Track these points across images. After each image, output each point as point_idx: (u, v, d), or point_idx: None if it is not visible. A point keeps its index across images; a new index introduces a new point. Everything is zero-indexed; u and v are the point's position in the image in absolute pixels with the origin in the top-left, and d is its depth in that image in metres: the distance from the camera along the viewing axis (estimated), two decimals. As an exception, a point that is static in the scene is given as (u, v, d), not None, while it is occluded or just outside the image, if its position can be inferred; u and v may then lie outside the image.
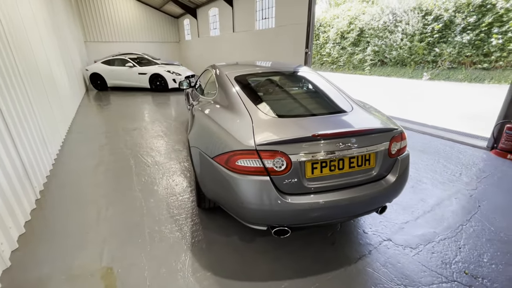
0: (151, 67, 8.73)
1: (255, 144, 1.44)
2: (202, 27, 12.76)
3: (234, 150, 1.49)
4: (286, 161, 1.43)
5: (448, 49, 10.73)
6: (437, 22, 11.05)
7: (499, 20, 9.47)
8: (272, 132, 1.53)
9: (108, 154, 3.54)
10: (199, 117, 2.16)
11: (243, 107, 1.82)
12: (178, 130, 4.59)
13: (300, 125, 1.61)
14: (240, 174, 1.47)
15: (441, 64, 11.14)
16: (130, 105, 6.77)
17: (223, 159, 1.56)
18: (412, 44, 11.81)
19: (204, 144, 1.80)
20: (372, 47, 13.43)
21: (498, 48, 9.58)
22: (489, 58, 9.90)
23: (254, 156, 1.43)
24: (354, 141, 1.52)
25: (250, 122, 1.64)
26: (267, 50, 8.25)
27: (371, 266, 1.71)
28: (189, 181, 2.80)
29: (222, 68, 2.60)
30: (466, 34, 10.22)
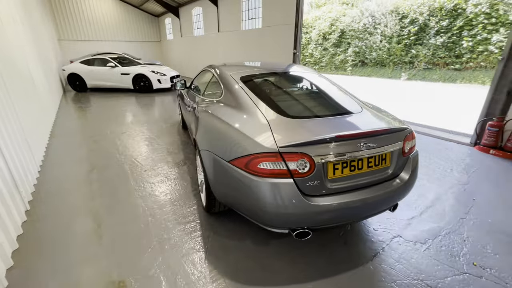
0: (134, 67, 8.41)
1: (277, 146, 1.42)
2: (185, 27, 12.50)
3: (256, 153, 1.46)
4: (310, 163, 1.42)
5: (424, 50, 11.34)
6: (413, 25, 11.64)
7: (469, 24, 10.15)
8: (293, 134, 1.52)
9: (100, 160, 3.35)
10: (206, 118, 2.10)
11: (255, 108, 1.79)
12: (170, 132, 4.45)
13: (319, 126, 1.61)
14: (262, 178, 1.44)
15: (417, 65, 11.74)
16: (114, 106, 6.47)
17: (242, 163, 1.52)
18: (391, 45, 12.35)
19: (217, 147, 1.75)
20: (353, 48, 13.87)
21: (469, 50, 10.27)
22: (460, 60, 10.58)
23: (277, 159, 1.41)
24: (373, 141, 1.54)
25: (266, 123, 1.61)
26: (254, 50, 8.24)
27: (386, 262, 1.74)
28: (192, 185, 2.71)
29: (223, 68, 2.54)
30: (440, 37, 10.86)
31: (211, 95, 2.58)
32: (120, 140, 4.07)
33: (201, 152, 1.94)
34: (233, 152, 1.60)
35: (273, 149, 1.42)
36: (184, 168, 3.10)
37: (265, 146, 1.44)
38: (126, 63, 8.78)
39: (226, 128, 1.74)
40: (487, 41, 9.81)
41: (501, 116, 3.63)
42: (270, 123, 1.61)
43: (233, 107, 1.95)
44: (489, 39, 9.72)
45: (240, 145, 1.57)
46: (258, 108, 1.78)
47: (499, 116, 3.65)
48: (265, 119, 1.66)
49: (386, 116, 1.90)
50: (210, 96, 2.56)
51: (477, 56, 10.12)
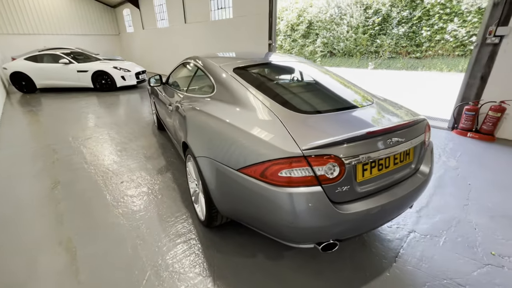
0: (93, 64, 7.53)
1: (300, 149, 1.19)
2: (147, 18, 11.57)
3: (275, 159, 1.22)
4: (339, 166, 1.22)
5: (387, 40, 11.85)
6: (377, 15, 12.07)
7: (427, 14, 10.78)
8: (314, 133, 1.30)
9: (64, 173, 2.83)
10: (199, 118, 1.79)
11: (260, 103, 1.54)
12: (144, 134, 3.99)
13: (339, 122, 1.41)
14: (284, 187, 1.20)
15: (382, 54, 12.26)
16: (72, 108, 5.70)
17: (256, 171, 1.27)
18: (357, 36, 12.71)
19: (221, 154, 1.47)
20: (321, 39, 14.04)
21: (427, 39, 10.94)
22: (420, 48, 11.25)
23: (302, 164, 1.18)
24: (401, 135, 1.39)
25: (279, 122, 1.37)
26: (226, 42, 7.85)
27: (410, 263, 1.64)
28: (181, 194, 2.39)
29: (209, 60, 2.23)
30: (401, 27, 11.41)
31: (198, 91, 2.26)
32: (86, 147, 3.53)
33: (198, 159, 1.64)
34: (243, 158, 1.34)
35: (296, 153, 1.19)
36: (168, 176, 2.74)
37: (286, 150, 1.20)
38: (82, 59, 7.83)
39: (230, 130, 1.46)
40: (443, 31, 10.52)
41: (476, 100, 3.80)
42: (283, 121, 1.38)
43: (232, 104, 1.67)
44: (445, 29, 10.43)
45: (252, 150, 1.31)
46: (263, 104, 1.54)
47: (474, 100, 3.81)
48: (276, 116, 1.42)
49: (399, 108, 1.77)
50: (197, 92, 2.24)
51: (435, 45, 10.82)
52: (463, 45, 10.20)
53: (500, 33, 3.40)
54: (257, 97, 1.60)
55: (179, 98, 2.37)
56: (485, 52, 3.61)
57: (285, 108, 1.50)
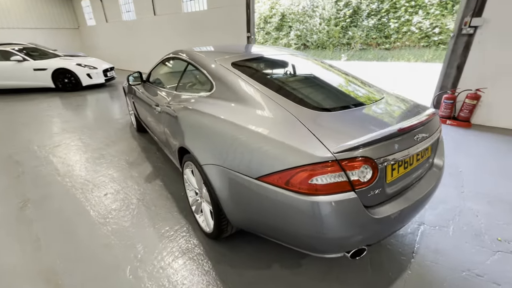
0: (52, 61, 6.77)
1: (332, 152, 1.07)
2: (111, 10, 10.68)
3: (303, 165, 1.09)
4: (372, 168, 1.12)
5: (359, 32, 12.18)
6: (347, 8, 12.32)
7: (394, 7, 11.22)
8: (341, 133, 1.19)
9: (33, 188, 2.46)
10: (198, 120, 1.59)
11: (271, 101, 1.40)
12: (122, 138, 3.64)
13: (361, 120, 1.32)
14: (314, 196, 1.08)
15: (354, 46, 12.60)
16: (32, 112, 5.07)
17: (281, 179, 1.14)
18: (329, 28, 12.90)
19: (233, 161, 1.31)
20: (294, 32, 14.05)
21: (395, 31, 11.42)
22: (389, 40, 11.73)
23: (335, 169, 1.07)
24: (425, 130, 1.33)
25: (297, 122, 1.24)
26: (201, 35, 7.49)
27: (428, 257, 1.62)
28: (177, 203, 2.18)
29: (201, 54, 2.03)
30: (371, 19, 11.77)
31: (192, 89, 2.05)
32: (56, 156, 3.13)
33: (205, 168, 1.45)
34: (263, 166, 1.19)
35: (328, 157, 1.07)
36: (158, 183, 2.50)
37: (315, 155, 1.08)
38: (38, 55, 7.00)
39: (243, 134, 1.30)
40: (409, 23, 11.04)
41: (453, 89, 3.98)
42: (302, 120, 1.25)
43: (237, 102, 1.50)
44: (411, 21, 10.95)
45: (273, 156, 1.17)
46: (274, 101, 1.39)
47: (452, 89, 4.00)
48: (293, 116, 1.28)
49: (408, 101, 1.73)
50: (190, 91, 2.02)
51: (402, 37, 11.34)
52: (427, 36, 10.82)
53: (475, 24, 3.56)
54: (266, 94, 1.45)
55: (168, 97, 2.13)
56: (461, 42, 3.77)
57: (300, 106, 1.37)
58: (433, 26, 10.46)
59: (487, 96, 3.71)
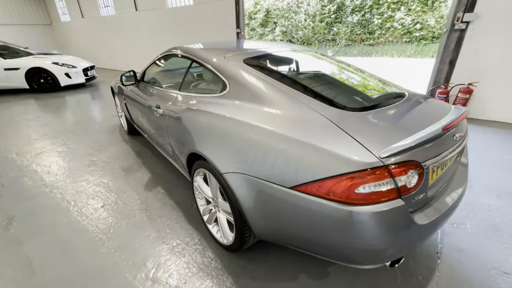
0: (25, 60, 6.25)
1: (379, 157, 0.98)
2: (87, 4, 10.07)
3: (348, 172, 0.99)
4: (418, 173, 1.05)
5: (343, 28, 12.30)
6: (332, 4, 12.40)
7: (377, 3, 11.41)
8: (381, 135, 1.10)
9: (19, 202, 2.20)
10: (214, 123, 1.45)
11: (296, 102, 1.29)
12: (112, 142, 3.39)
13: (397, 119, 1.24)
14: (360, 206, 0.99)
15: (339, 42, 12.73)
16: (6, 116, 4.64)
17: (321, 188, 1.03)
18: (315, 24, 12.94)
19: (262, 169, 1.18)
20: (280, 28, 13.97)
21: (378, 27, 11.64)
22: (373, 36, 11.95)
23: (383, 176, 0.98)
24: (461, 128, 1.28)
25: (331, 124, 1.14)
26: (188, 32, 7.21)
27: (453, 257, 1.59)
28: (184, 214, 2.02)
29: (208, 51, 1.87)
30: (355, 15, 11.92)
31: (198, 89, 1.89)
32: (40, 165, 2.84)
33: (227, 176, 1.32)
34: (299, 174, 1.08)
35: (374, 163, 0.98)
36: (160, 191, 2.33)
37: (361, 161, 0.98)
38: (9, 54, 6.44)
39: (273, 139, 1.18)
40: (391, 19, 11.28)
41: (446, 84, 4.06)
42: (336, 122, 1.15)
43: (258, 103, 1.37)
44: (393, 17, 11.20)
45: (311, 163, 1.06)
46: (302, 102, 1.28)
47: (445, 83, 4.07)
48: (324, 118, 1.18)
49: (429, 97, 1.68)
50: (196, 90, 1.86)
51: (385, 32, 11.59)
52: (409, 32, 11.12)
53: (467, 19, 3.63)
54: (290, 94, 1.34)
55: (171, 98, 1.96)
56: (453, 38, 3.84)
57: (330, 106, 1.27)
58: (414, 22, 10.76)
59: (480, 90, 3.81)
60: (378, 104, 1.38)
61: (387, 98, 1.48)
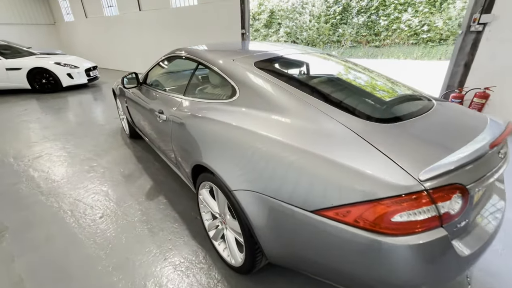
0: (27, 60, 6.17)
1: (418, 180, 0.84)
2: (90, 4, 10.01)
3: (382, 198, 0.85)
4: (463, 197, 0.90)
5: (349, 29, 12.14)
6: (337, 5, 12.24)
7: (383, 4, 11.24)
8: (418, 152, 0.95)
9: (13, 211, 2.07)
10: (223, 133, 1.31)
11: (316, 112, 1.14)
12: (113, 146, 3.26)
13: (434, 133, 1.10)
14: (395, 237, 0.85)
15: (344, 43, 12.57)
16: (6, 117, 4.54)
17: (349, 215, 0.89)
18: (319, 25, 12.78)
19: (279, 188, 1.04)
20: (284, 29, 13.83)
21: (385, 29, 11.46)
22: (379, 37, 11.77)
23: (424, 202, 0.84)
24: (505, 144, 1.13)
25: (358, 138, 1.00)
26: (192, 32, 7.10)
27: (485, 282, 1.44)
28: (190, 229, 1.89)
29: (215, 53, 1.74)
30: (361, 16, 11.75)
31: (204, 93, 1.76)
32: (38, 170, 2.72)
33: (237, 194, 1.18)
34: (322, 196, 0.94)
35: (414, 186, 0.83)
36: (162, 201, 2.19)
37: (399, 184, 0.84)
38: (11, 53, 6.36)
39: (294, 154, 1.04)
40: (398, 20, 11.10)
41: (460, 88, 3.89)
42: (364, 136, 1.01)
43: (274, 112, 1.23)
44: (400, 18, 11.02)
45: (338, 185, 0.92)
46: (323, 112, 1.14)
47: (459, 87, 3.91)
48: (349, 130, 1.04)
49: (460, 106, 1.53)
50: (203, 95, 1.73)
51: (392, 34, 11.41)
52: (416, 34, 10.94)
53: (484, 21, 3.46)
54: (309, 102, 1.20)
55: (175, 104, 1.83)
56: (469, 40, 3.67)
57: (353, 116, 1.12)
58: (421, 23, 10.57)
59: (496, 95, 3.64)
60: (406, 114, 1.23)
61: (414, 107, 1.33)
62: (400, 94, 1.55)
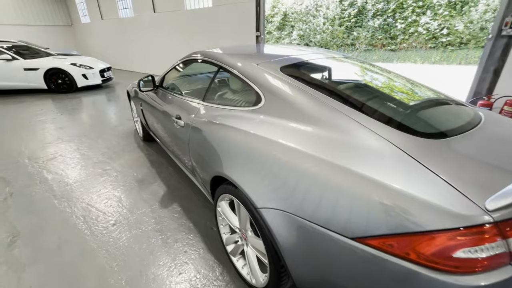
0: (44, 60, 6.27)
1: (486, 210, 0.71)
2: (106, 6, 10.18)
3: (441, 229, 0.72)
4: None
5: (364, 32, 11.90)
6: (352, 7, 12.03)
7: (400, 7, 10.97)
8: (481, 175, 0.82)
9: (26, 215, 2.04)
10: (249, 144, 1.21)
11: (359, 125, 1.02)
12: (126, 148, 3.22)
13: (493, 151, 0.96)
14: (456, 275, 0.72)
15: (358, 47, 12.34)
16: (22, 117, 4.59)
17: (398, 245, 0.77)
18: (333, 28, 12.60)
19: (315, 210, 0.93)
20: (297, 31, 13.71)
21: (401, 32, 11.18)
22: (395, 41, 11.48)
23: (492, 237, 0.71)
24: None
25: (406, 156, 0.88)
26: (205, 34, 7.08)
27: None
28: (205, 241, 1.79)
29: (235, 58, 1.64)
30: (377, 19, 11.51)
31: (226, 100, 1.66)
32: (52, 172, 2.70)
33: (264, 211, 1.07)
34: (369, 224, 0.82)
35: (480, 217, 0.71)
36: (176, 209, 2.11)
37: (462, 214, 0.71)
38: (29, 54, 6.50)
39: (333, 172, 0.92)
40: (416, 23, 10.80)
41: (489, 95, 3.67)
42: (411, 153, 0.89)
43: (305, 123, 1.11)
44: (418, 21, 10.72)
45: (387, 211, 0.80)
46: (366, 127, 1.01)
47: (487, 95, 3.69)
48: (394, 146, 0.92)
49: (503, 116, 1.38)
50: (224, 101, 1.63)
51: (409, 37, 11.11)
52: (434, 38, 10.60)
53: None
54: (346, 113, 1.08)
55: (194, 109, 1.74)
56: (499, 45, 3.46)
57: (399, 131, 1.00)
58: (441, 27, 10.24)
59: (529, 103, 3.40)
60: (455, 128, 1.10)
61: (462, 120, 1.19)
62: (444, 105, 1.41)
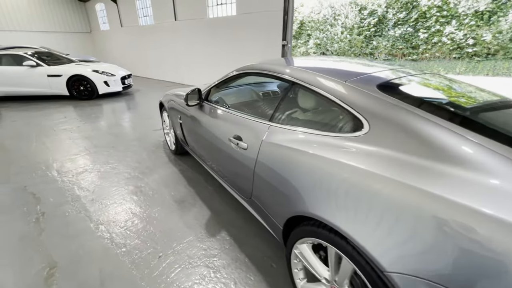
0: (67, 67, 6.24)
1: None
2: (126, 14, 10.26)
3: None
4: None
5: (383, 42, 11.66)
6: (372, 16, 11.84)
7: (423, 16, 10.71)
8: None
9: (61, 241, 1.82)
10: (349, 178, 0.97)
11: (502, 157, 0.77)
12: (157, 163, 3.02)
13: None
14: None
15: (378, 56, 12.07)
16: (47, 125, 4.49)
17: None
18: (352, 37, 12.40)
19: (472, 280, 0.68)
20: (314, 40, 13.57)
21: (424, 42, 10.89)
22: (417, 51, 11.19)
23: None
24: None
25: None
26: (228, 43, 6.96)
27: None
28: (266, 281, 1.54)
29: (313, 75, 1.41)
30: (398, 29, 11.26)
31: (307, 123, 1.42)
32: (83, 188, 2.51)
33: (397, 277, 0.82)
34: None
35: None
36: (225, 238, 1.87)
37: None
38: (52, 60, 6.49)
39: (489, 227, 0.67)
40: (439, 33, 10.51)
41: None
42: None
43: (435, 159, 0.87)
44: (442, 31, 10.42)
45: None
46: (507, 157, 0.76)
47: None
48: None
49: None
50: (304, 124, 1.39)
51: (431, 47, 10.80)
52: (459, 48, 10.27)
53: None
54: (491, 148, 0.83)
55: (261, 130, 1.51)
56: None
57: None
58: (467, 37, 9.91)
59: None
60: None
61: None
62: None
